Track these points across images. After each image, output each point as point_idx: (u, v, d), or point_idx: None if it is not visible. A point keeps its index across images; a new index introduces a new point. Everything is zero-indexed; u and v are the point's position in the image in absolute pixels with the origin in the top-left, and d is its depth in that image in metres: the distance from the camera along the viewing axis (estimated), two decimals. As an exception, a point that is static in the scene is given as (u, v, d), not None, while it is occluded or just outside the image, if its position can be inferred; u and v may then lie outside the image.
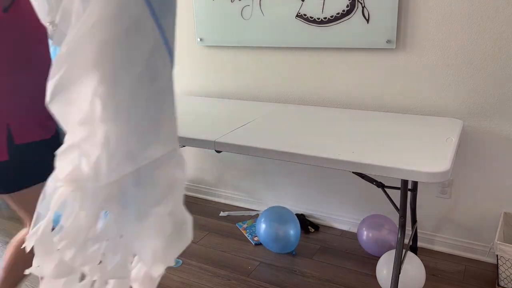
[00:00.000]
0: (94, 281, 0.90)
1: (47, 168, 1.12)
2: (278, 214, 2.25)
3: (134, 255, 0.89)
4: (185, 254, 2.29)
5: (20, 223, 2.70)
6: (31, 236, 0.86)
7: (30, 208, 1.42)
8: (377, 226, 2.13)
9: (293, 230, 2.21)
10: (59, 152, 0.81)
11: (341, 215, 2.43)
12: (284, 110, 2.20)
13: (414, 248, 2.16)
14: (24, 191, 1.38)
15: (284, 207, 2.32)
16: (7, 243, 2.47)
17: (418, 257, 1.87)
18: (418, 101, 2.08)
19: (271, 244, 2.23)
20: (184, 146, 1.87)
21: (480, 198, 2.09)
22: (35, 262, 0.88)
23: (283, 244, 2.21)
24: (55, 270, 0.87)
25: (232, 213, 2.69)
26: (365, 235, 2.15)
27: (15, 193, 1.38)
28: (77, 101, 0.77)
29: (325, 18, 2.15)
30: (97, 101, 0.75)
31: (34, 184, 1.38)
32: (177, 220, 0.90)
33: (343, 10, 2.10)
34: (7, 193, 1.39)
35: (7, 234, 2.57)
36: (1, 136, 1.32)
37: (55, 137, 1.42)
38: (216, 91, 2.61)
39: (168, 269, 2.16)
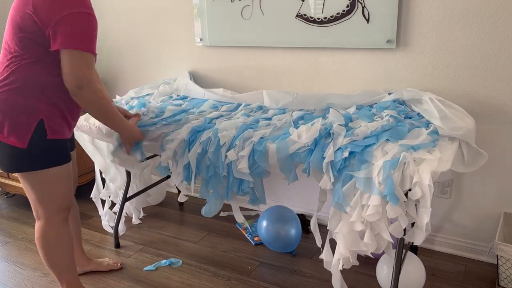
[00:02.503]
0: None
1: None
2: (279, 214, 2.25)
3: None
4: (185, 254, 2.29)
5: (18, 222, 2.70)
6: None
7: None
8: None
9: (294, 230, 2.21)
10: None
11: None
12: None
13: (414, 248, 2.16)
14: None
15: (285, 207, 2.32)
16: (7, 243, 2.47)
17: (418, 257, 1.87)
18: (418, 101, 2.08)
19: (272, 243, 2.23)
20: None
21: (480, 198, 2.09)
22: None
23: (284, 244, 2.21)
24: None
25: (232, 213, 2.68)
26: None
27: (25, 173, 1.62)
28: None
29: (325, 18, 2.15)
30: None
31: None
32: None
33: (343, 10, 2.10)
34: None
35: (7, 234, 2.57)
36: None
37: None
38: (216, 91, 2.61)
39: (168, 269, 2.16)
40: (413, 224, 1.50)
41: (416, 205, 1.46)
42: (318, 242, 1.73)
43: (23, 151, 1.54)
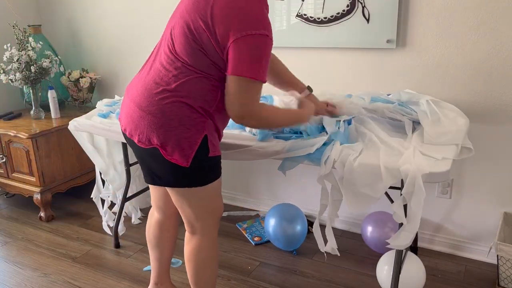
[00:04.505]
0: None
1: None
2: (286, 211, 2.24)
3: None
4: (185, 254, 2.28)
5: (18, 222, 2.70)
6: None
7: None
8: (380, 223, 2.13)
9: (300, 227, 2.21)
10: None
11: (341, 215, 2.42)
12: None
13: (414, 248, 2.16)
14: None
15: (292, 204, 2.31)
16: (6, 243, 2.47)
17: (418, 257, 1.87)
18: (418, 101, 2.08)
19: (279, 240, 2.23)
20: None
21: (480, 198, 2.09)
22: None
23: (290, 241, 2.21)
24: None
25: (232, 213, 2.68)
26: (369, 231, 2.15)
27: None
28: None
29: (325, 18, 2.15)
30: None
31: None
32: None
33: (343, 10, 2.10)
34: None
35: (7, 234, 2.57)
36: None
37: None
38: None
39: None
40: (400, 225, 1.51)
41: (407, 204, 1.47)
42: (320, 246, 1.73)
43: (184, 170, 1.42)
